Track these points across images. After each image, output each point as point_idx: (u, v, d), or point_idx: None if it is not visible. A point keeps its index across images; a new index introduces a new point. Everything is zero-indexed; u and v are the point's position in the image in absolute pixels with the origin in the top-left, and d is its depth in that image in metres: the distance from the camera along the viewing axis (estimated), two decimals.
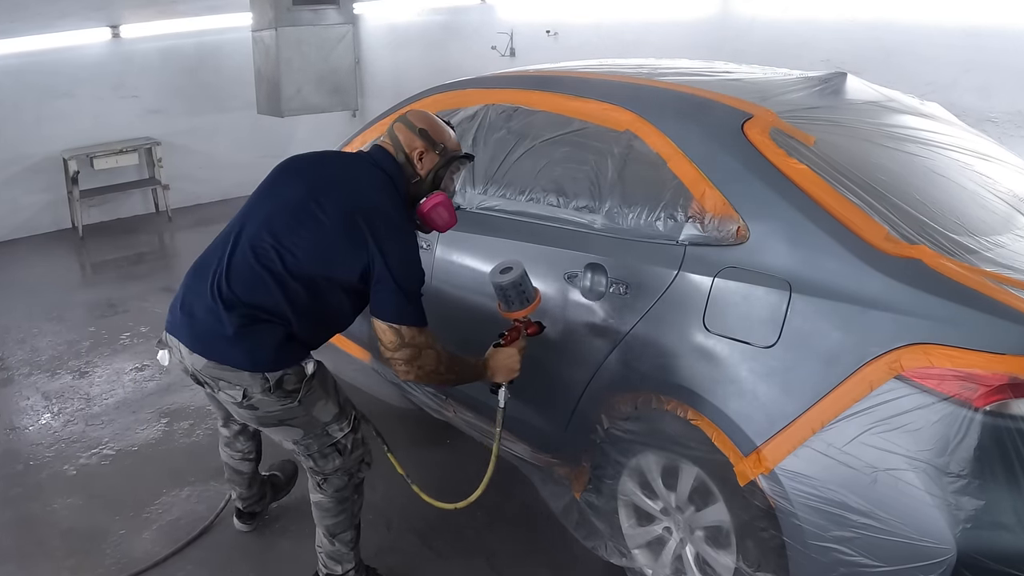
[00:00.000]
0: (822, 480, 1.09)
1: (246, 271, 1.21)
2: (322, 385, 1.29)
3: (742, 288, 1.22)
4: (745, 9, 2.69)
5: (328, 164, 1.31)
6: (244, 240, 1.24)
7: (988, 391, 0.99)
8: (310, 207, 1.21)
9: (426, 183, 1.31)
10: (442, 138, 1.33)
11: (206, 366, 1.24)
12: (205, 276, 1.25)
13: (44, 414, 2.35)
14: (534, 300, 1.35)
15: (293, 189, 1.26)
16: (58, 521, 1.81)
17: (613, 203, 1.45)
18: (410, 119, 1.32)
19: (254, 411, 1.25)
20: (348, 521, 1.42)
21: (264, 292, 1.20)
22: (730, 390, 1.21)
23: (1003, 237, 1.23)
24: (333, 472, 1.34)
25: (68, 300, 3.34)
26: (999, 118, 2.02)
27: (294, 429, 1.29)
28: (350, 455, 1.34)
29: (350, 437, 1.33)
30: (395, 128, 1.32)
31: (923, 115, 1.57)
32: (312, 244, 1.20)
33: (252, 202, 1.31)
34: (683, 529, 1.37)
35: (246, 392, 1.22)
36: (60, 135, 4.32)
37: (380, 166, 1.28)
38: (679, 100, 1.47)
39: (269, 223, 1.23)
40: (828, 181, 1.21)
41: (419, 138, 1.30)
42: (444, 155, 1.31)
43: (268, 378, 1.20)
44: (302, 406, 1.25)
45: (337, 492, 1.37)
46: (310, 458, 1.33)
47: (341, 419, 1.32)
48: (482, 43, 3.76)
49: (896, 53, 2.22)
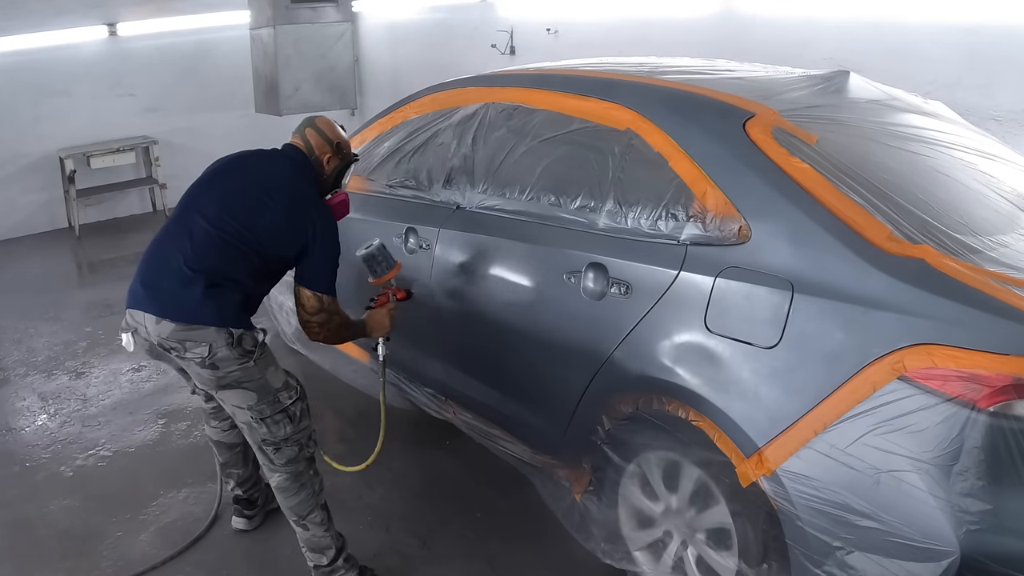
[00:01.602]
0: (824, 482, 1.09)
1: (214, 244, 1.41)
2: (270, 353, 1.46)
3: (744, 288, 1.22)
4: (747, 7, 2.68)
5: (267, 162, 1.56)
6: (205, 221, 1.43)
7: (992, 392, 0.98)
8: (263, 198, 1.47)
9: (329, 180, 1.61)
10: (345, 146, 1.62)
11: (173, 331, 1.37)
12: (168, 253, 1.42)
13: (40, 415, 2.34)
14: (394, 267, 1.64)
15: (244, 180, 1.51)
16: (54, 523, 1.80)
17: (614, 202, 1.44)
18: (319, 125, 1.59)
19: (215, 371, 1.38)
20: (311, 499, 1.47)
21: (229, 261, 1.42)
22: (732, 391, 1.20)
23: (1007, 237, 1.22)
24: (284, 440, 1.44)
25: (65, 300, 3.32)
26: (1002, 117, 2.01)
27: (249, 393, 1.41)
28: (299, 423, 1.46)
29: (298, 405, 1.47)
30: (307, 133, 1.59)
31: (926, 114, 1.57)
32: (267, 227, 1.45)
33: (197, 193, 1.51)
34: (684, 531, 1.36)
35: (211, 347, 1.36)
36: (56, 134, 4.30)
37: (300, 165, 1.56)
38: (680, 98, 1.46)
39: (228, 207, 1.45)
40: (830, 180, 1.21)
41: (327, 144, 1.58)
42: (344, 159, 1.62)
43: (232, 333, 1.37)
44: (257, 367, 1.40)
45: (289, 464, 1.45)
46: (263, 423, 1.43)
47: (289, 387, 1.47)
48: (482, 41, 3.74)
49: (899, 51, 2.21)
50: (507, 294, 1.63)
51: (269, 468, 1.46)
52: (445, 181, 1.85)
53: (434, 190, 1.87)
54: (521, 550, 1.65)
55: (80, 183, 4.32)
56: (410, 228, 1.89)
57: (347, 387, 2.29)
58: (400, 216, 1.93)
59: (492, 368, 1.71)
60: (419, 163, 1.94)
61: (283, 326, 2.53)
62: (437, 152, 1.89)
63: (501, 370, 1.68)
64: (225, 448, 1.68)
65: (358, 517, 1.76)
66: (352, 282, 1.76)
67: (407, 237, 1.89)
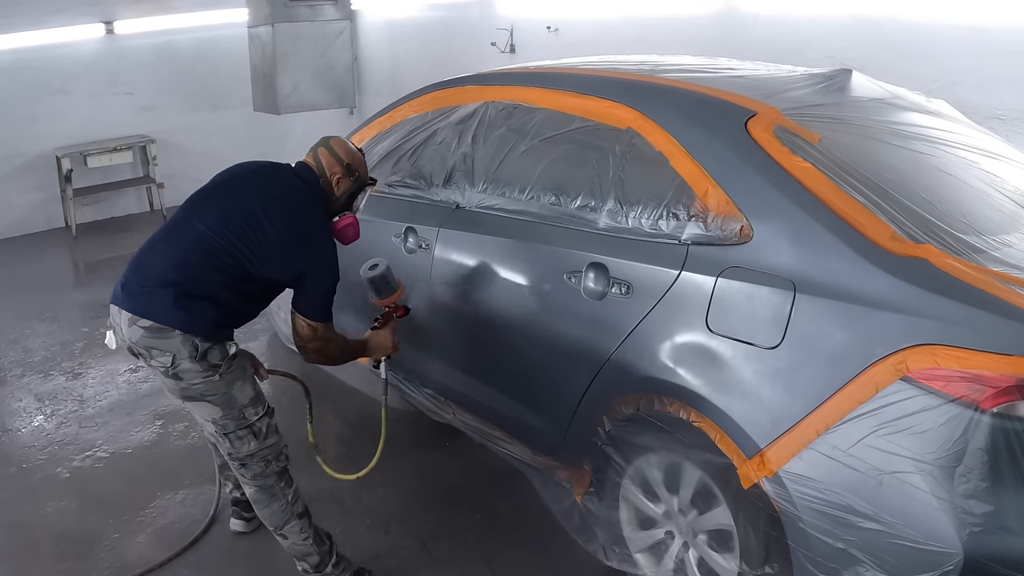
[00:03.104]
0: (827, 483, 1.08)
1: (195, 258, 1.37)
2: (241, 368, 1.43)
3: (746, 288, 1.21)
4: (748, 5, 2.67)
5: (270, 177, 1.50)
6: (194, 233, 1.39)
7: (995, 392, 0.98)
8: (259, 216, 1.41)
9: (340, 202, 1.55)
10: (356, 166, 1.56)
11: (142, 336, 1.35)
12: (153, 258, 1.40)
13: (37, 416, 2.32)
14: (398, 289, 1.63)
15: (243, 196, 1.46)
16: (51, 525, 1.79)
17: (615, 202, 1.43)
18: (333, 146, 1.54)
19: (178, 381, 1.36)
20: (284, 510, 1.47)
21: (210, 276, 1.37)
22: (733, 392, 1.19)
23: (1011, 236, 1.21)
24: (248, 456, 1.43)
25: (61, 300, 3.31)
26: (1006, 115, 2.00)
27: (213, 407, 1.39)
28: (264, 439, 1.44)
29: (264, 420, 1.45)
30: (319, 153, 1.54)
31: (929, 112, 1.56)
32: (259, 247, 1.40)
33: (197, 201, 1.47)
34: (686, 533, 1.36)
35: (175, 358, 1.34)
36: (53, 133, 4.28)
37: (309, 186, 1.50)
38: (682, 97, 1.45)
39: (222, 222, 1.40)
40: (833, 179, 1.20)
41: (338, 165, 1.53)
42: (356, 181, 1.56)
43: (197, 346, 1.34)
44: (223, 381, 1.38)
45: (257, 479, 1.45)
46: (226, 438, 1.41)
47: (256, 403, 1.44)
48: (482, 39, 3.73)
49: (902, 49, 2.20)
50: (507, 294, 1.62)
51: (241, 481, 1.47)
52: (444, 180, 1.83)
53: (433, 189, 1.86)
54: (521, 552, 1.64)
55: (77, 182, 4.30)
56: (409, 228, 1.88)
57: (346, 387, 2.28)
58: (399, 215, 1.92)
59: (492, 369, 1.70)
60: (418, 162, 1.93)
61: (280, 326, 2.52)
62: (436, 151, 1.88)
63: (501, 371, 1.67)
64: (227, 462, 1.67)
65: (357, 519, 1.76)
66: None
67: (406, 237, 1.88)
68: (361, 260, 1.64)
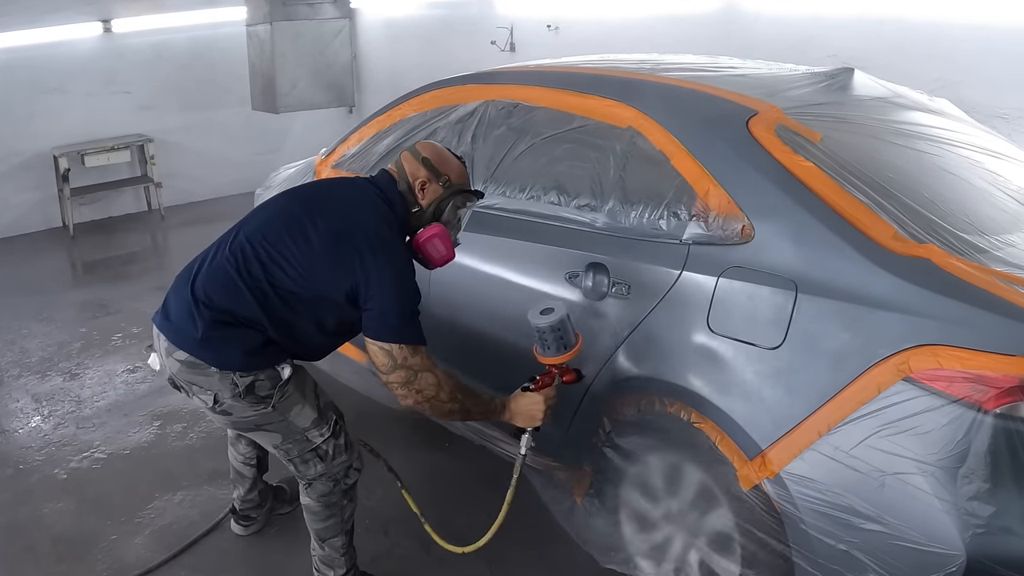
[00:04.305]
0: (828, 484, 1.08)
1: (222, 277, 1.24)
2: (299, 390, 1.29)
3: (747, 288, 1.20)
4: (750, 3, 2.66)
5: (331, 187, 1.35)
6: (232, 247, 1.26)
7: (998, 393, 0.97)
8: (304, 223, 1.23)
9: (427, 214, 1.30)
10: (446, 169, 1.32)
11: (180, 369, 1.26)
12: (187, 279, 1.29)
13: (34, 417, 2.31)
14: (574, 346, 1.28)
15: (291, 205, 1.29)
16: (48, 526, 1.78)
17: (615, 201, 1.42)
18: (417, 148, 1.33)
19: (228, 416, 1.27)
20: (337, 526, 1.42)
21: (237, 298, 1.22)
22: (735, 392, 1.19)
23: (1014, 236, 1.21)
24: (316, 478, 1.35)
25: (58, 300, 3.29)
26: (1009, 114, 2.00)
27: (272, 434, 1.30)
28: (332, 461, 1.34)
29: (331, 442, 1.32)
30: (402, 157, 1.33)
31: (932, 111, 1.55)
32: (297, 259, 1.21)
33: (250, 214, 1.35)
34: (686, 535, 1.35)
35: (216, 397, 1.24)
36: (50, 132, 4.26)
37: (381, 191, 1.29)
38: (683, 96, 1.44)
39: (259, 233, 1.25)
40: (835, 179, 1.19)
41: (423, 167, 1.30)
42: (447, 187, 1.31)
43: (237, 383, 1.21)
44: (277, 411, 1.26)
45: (322, 497, 1.37)
46: (291, 463, 1.34)
47: (321, 424, 1.31)
48: (481, 38, 3.72)
49: (904, 48, 2.19)
50: (507, 294, 1.61)
51: (303, 494, 1.37)
52: None
53: None
54: (521, 553, 1.63)
55: (74, 182, 4.27)
56: None
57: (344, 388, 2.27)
58: None
59: (491, 368, 1.69)
60: None
61: None
62: None
63: (500, 370, 1.66)
64: (237, 473, 1.64)
65: (356, 520, 1.74)
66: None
67: None
68: None
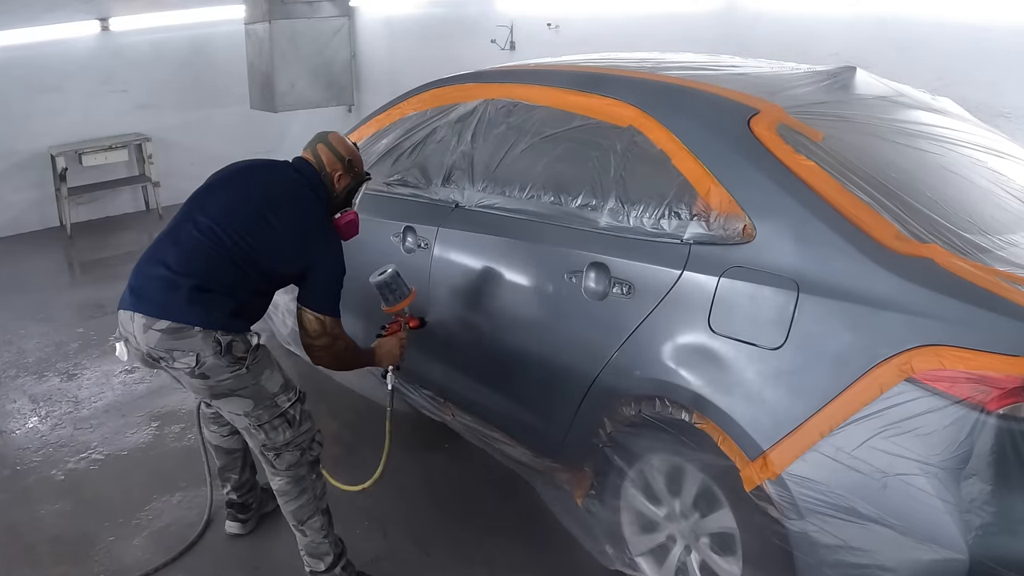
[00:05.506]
0: (830, 485, 1.07)
1: (204, 252, 1.37)
2: (267, 356, 1.42)
3: (748, 288, 1.20)
4: (751, 2, 2.66)
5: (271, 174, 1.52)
6: (200, 227, 1.38)
7: (1001, 394, 0.97)
8: (264, 211, 1.42)
9: (340, 199, 1.55)
10: (357, 164, 1.57)
11: (160, 339, 1.33)
12: (160, 259, 1.38)
13: (31, 417, 2.30)
14: (407, 297, 1.59)
15: (246, 191, 1.46)
16: (46, 528, 1.78)
17: (616, 201, 1.42)
18: (331, 142, 1.55)
19: (205, 380, 1.34)
20: (311, 504, 1.45)
21: (219, 271, 1.37)
22: (736, 393, 1.18)
23: (1017, 236, 1.20)
24: (284, 445, 1.42)
25: (56, 300, 3.28)
26: (1012, 113, 2.00)
27: (244, 400, 1.38)
28: (299, 427, 1.43)
29: (297, 407, 1.44)
30: (318, 149, 1.54)
31: (934, 110, 1.55)
32: (267, 243, 1.40)
33: (198, 198, 1.46)
34: (687, 536, 1.35)
35: (199, 357, 1.31)
36: (48, 131, 4.24)
37: (311, 182, 1.51)
38: (684, 95, 1.44)
39: (227, 216, 1.39)
40: (837, 178, 1.19)
41: (339, 162, 1.53)
42: (355, 177, 1.57)
43: (220, 340, 1.32)
44: (250, 373, 1.36)
45: (291, 469, 1.43)
46: (261, 430, 1.40)
47: (287, 390, 1.43)
48: (481, 36, 3.71)
49: (906, 47, 2.18)
50: (507, 294, 1.61)
51: (271, 472, 1.44)
52: (444, 179, 1.82)
53: (433, 188, 1.85)
54: (521, 554, 1.63)
55: (72, 181, 4.26)
56: (408, 227, 1.86)
57: (343, 388, 2.26)
58: (398, 214, 1.90)
59: (492, 370, 1.69)
60: (417, 161, 1.92)
61: (278, 326, 2.50)
62: (436, 149, 1.87)
63: (501, 372, 1.66)
64: (224, 453, 1.66)
65: (355, 522, 1.74)
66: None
67: (405, 236, 1.87)
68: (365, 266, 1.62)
